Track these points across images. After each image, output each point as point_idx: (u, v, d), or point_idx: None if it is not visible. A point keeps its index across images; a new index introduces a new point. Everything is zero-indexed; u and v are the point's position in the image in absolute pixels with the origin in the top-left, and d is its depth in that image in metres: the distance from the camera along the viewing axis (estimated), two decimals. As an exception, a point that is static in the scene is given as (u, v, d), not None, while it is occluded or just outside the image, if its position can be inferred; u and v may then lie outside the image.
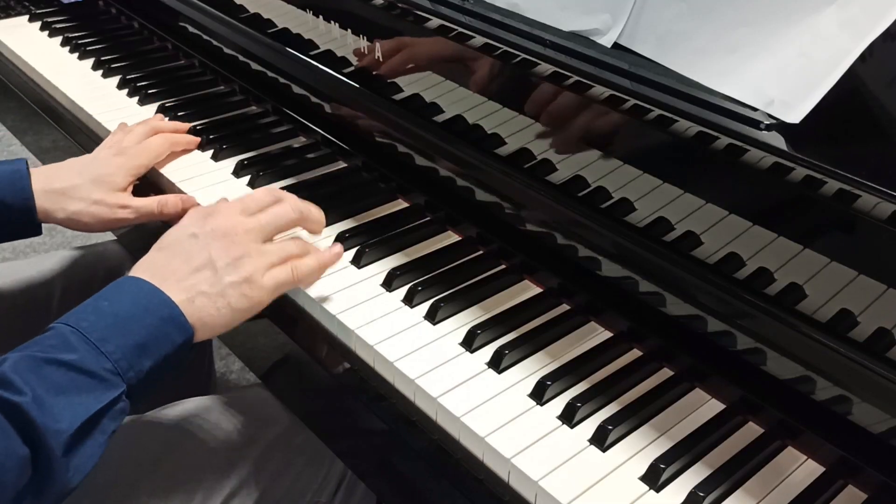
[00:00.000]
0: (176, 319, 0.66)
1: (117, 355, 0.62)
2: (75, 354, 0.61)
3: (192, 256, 0.70)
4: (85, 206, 0.88)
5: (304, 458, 0.86)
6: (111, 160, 0.92)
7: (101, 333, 0.62)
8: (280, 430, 0.86)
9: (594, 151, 0.71)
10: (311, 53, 0.98)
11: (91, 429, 0.60)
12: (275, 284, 0.73)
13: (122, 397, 0.63)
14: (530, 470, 0.62)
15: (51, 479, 0.58)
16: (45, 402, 0.58)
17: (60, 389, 0.59)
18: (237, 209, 0.75)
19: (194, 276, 0.69)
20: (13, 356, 0.60)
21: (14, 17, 1.36)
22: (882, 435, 0.60)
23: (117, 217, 0.89)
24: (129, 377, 0.63)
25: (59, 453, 0.58)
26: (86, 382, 0.60)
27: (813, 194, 0.57)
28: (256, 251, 0.72)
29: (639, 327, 0.73)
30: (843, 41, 0.58)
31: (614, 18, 0.69)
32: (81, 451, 0.60)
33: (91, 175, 0.89)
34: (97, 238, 1.21)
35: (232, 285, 0.70)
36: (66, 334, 0.62)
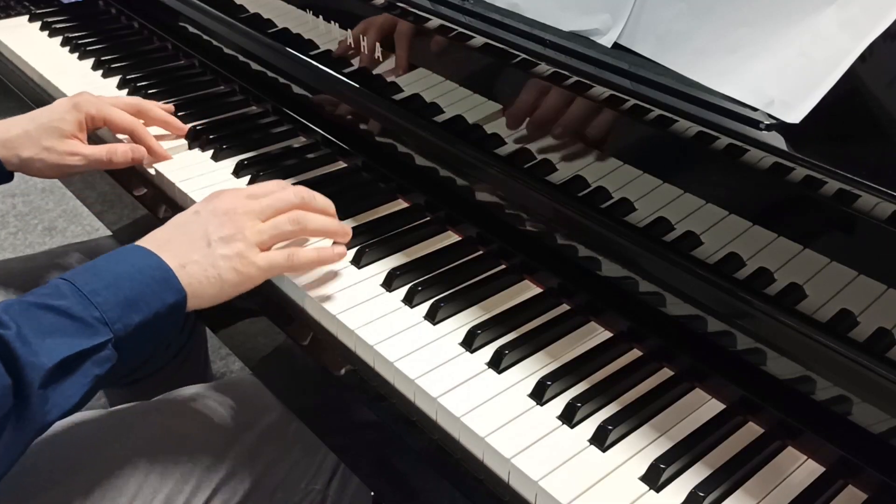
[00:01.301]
0: (169, 281, 0.69)
1: (106, 306, 0.65)
2: (65, 301, 0.64)
3: (189, 229, 0.74)
4: (36, 153, 0.92)
5: (299, 446, 0.87)
6: (61, 105, 0.95)
7: (92, 286, 0.66)
8: (275, 418, 0.87)
9: (594, 151, 0.71)
10: (311, 53, 0.98)
11: (72, 368, 0.63)
12: (268, 264, 0.75)
13: (108, 346, 0.65)
14: (530, 470, 0.62)
15: (28, 409, 0.60)
16: (28, 337, 0.60)
17: (46, 330, 0.62)
18: (243, 194, 0.78)
19: (188, 246, 0.72)
20: (7, 300, 0.64)
21: (14, 17, 1.36)
22: (882, 435, 0.60)
23: (66, 163, 0.93)
24: (116, 328, 0.65)
25: (36, 386, 0.60)
26: (71, 326, 0.63)
27: (813, 194, 0.57)
28: (251, 229, 0.75)
29: (639, 327, 0.73)
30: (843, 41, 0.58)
31: (614, 18, 0.69)
32: (61, 388, 0.62)
33: (41, 121, 0.93)
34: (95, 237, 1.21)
35: (223, 258, 0.73)
36: (60, 285, 0.66)
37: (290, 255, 0.76)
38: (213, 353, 1.60)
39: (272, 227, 0.76)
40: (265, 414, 0.87)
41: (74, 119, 0.94)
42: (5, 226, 2.22)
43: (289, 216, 0.77)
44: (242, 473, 0.83)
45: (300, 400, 0.85)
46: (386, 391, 0.71)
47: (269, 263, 0.75)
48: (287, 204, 0.78)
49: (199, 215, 0.75)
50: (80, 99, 0.96)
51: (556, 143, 0.75)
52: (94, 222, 2.19)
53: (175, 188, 0.94)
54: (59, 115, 0.93)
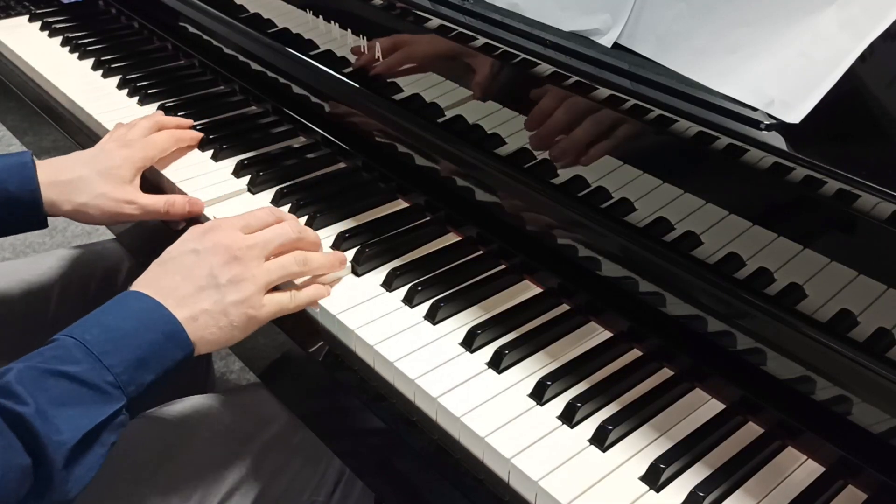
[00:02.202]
0: (178, 336, 0.67)
1: (119, 369, 0.63)
2: (78, 367, 0.61)
3: (193, 273, 0.71)
4: (91, 199, 0.87)
5: (301, 457, 0.86)
6: (117, 152, 0.92)
7: (103, 347, 0.63)
8: (278, 429, 0.86)
9: (594, 151, 0.71)
10: (311, 53, 0.98)
11: (92, 441, 0.61)
12: (276, 308, 0.74)
13: (123, 411, 0.63)
14: (530, 470, 0.62)
15: (51, 490, 0.58)
16: (47, 413, 0.58)
17: (63, 401, 0.60)
18: (238, 225, 0.75)
19: (197, 294, 0.70)
20: (17, 366, 0.61)
21: (14, 17, 1.36)
22: (882, 435, 0.60)
23: (123, 212, 0.89)
24: (129, 391, 0.63)
25: (60, 465, 0.58)
26: (88, 395, 0.61)
27: (813, 194, 0.57)
28: (258, 269, 0.73)
29: (639, 327, 0.73)
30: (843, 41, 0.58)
31: (614, 18, 0.69)
32: (82, 463, 0.60)
33: (98, 167, 0.89)
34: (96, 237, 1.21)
35: (234, 304, 0.71)
36: (70, 346, 0.63)
37: (292, 296, 0.75)
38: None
39: (280, 269, 0.74)
40: (269, 425, 0.86)
41: (132, 166, 0.91)
42: (5, 226, 2.22)
43: (295, 258, 0.76)
44: (247, 484, 0.82)
45: (300, 401, 0.85)
46: (386, 391, 0.71)
47: (278, 306, 0.74)
48: (287, 240, 0.76)
49: (200, 255, 0.72)
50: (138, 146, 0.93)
51: (556, 143, 0.74)
52: (95, 222, 2.18)
53: (175, 188, 0.94)
54: (118, 163, 0.90)
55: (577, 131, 0.72)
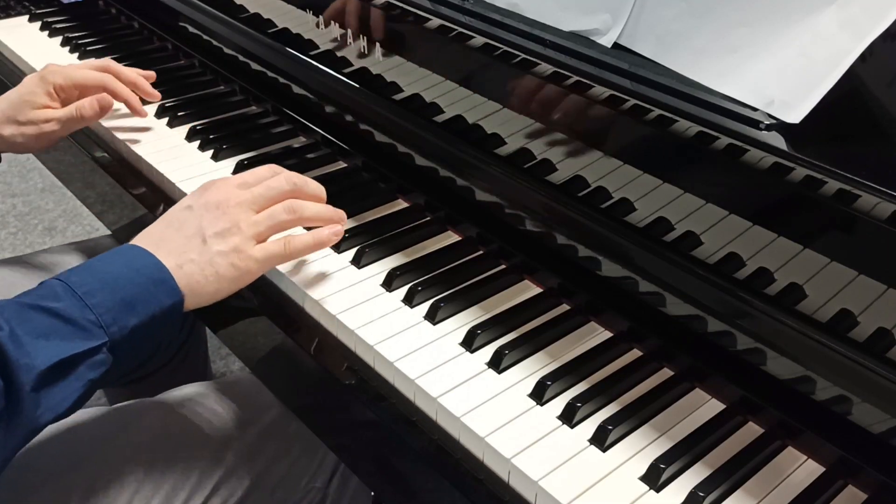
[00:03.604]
0: (166, 282, 0.68)
1: (102, 309, 0.64)
2: (60, 303, 0.63)
3: (183, 226, 0.72)
4: (15, 129, 0.94)
5: (299, 445, 0.87)
6: (29, 81, 0.97)
7: (88, 287, 0.64)
8: (275, 416, 0.87)
9: (594, 151, 0.71)
10: (311, 53, 0.98)
11: (66, 371, 0.62)
12: (265, 256, 0.74)
13: (103, 349, 0.64)
14: (530, 470, 0.62)
15: (20, 411, 0.59)
16: (21, 339, 0.60)
17: (39, 332, 0.61)
18: (234, 183, 0.76)
19: (184, 244, 0.71)
20: (0, 301, 0.63)
21: (14, 17, 1.36)
22: (882, 435, 0.60)
23: (45, 131, 0.95)
24: (111, 331, 0.64)
25: (28, 387, 0.59)
26: (66, 329, 0.62)
27: (813, 194, 0.57)
28: (245, 222, 0.73)
29: (639, 327, 0.73)
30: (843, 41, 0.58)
31: (614, 18, 0.69)
32: (54, 391, 0.61)
33: (10, 99, 0.95)
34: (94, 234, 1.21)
35: (220, 254, 0.71)
36: (54, 285, 0.65)
37: (286, 243, 0.75)
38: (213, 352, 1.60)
39: (268, 218, 0.75)
40: (265, 412, 0.87)
41: (43, 90, 0.95)
42: (5, 226, 2.22)
43: (284, 206, 0.76)
44: (242, 471, 0.83)
45: (300, 400, 0.85)
46: (386, 391, 0.71)
47: (267, 255, 0.74)
48: (279, 192, 0.76)
49: (192, 210, 0.74)
50: (46, 70, 0.97)
51: (556, 142, 0.74)
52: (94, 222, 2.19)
53: (175, 188, 0.94)
54: (28, 90, 0.95)
55: (576, 131, 0.72)
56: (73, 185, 1.21)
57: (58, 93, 0.96)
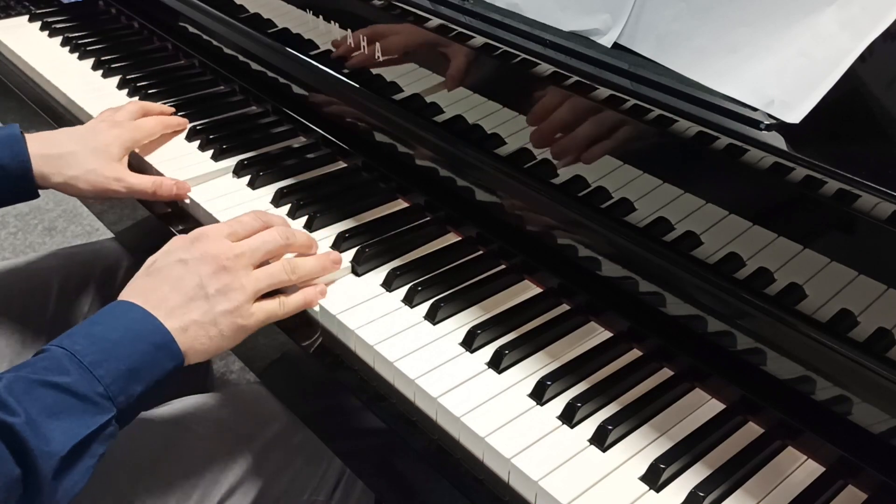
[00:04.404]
0: (168, 346, 0.67)
1: (109, 380, 0.63)
2: (69, 377, 0.61)
3: (182, 284, 0.70)
4: (82, 173, 0.89)
5: (302, 457, 0.86)
6: (109, 131, 0.94)
7: (93, 357, 0.63)
8: (279, 428, 0.86)
9: (594, 151, 0.71)
10: (311, 53, 0.98)
11: (81, 452, 0.61)
12: (265, 316, 0.73)
13: (112, 422, 0.63)
14: (530, 470, 0.62)
15: (39, 501, 0.58)
16: (38, 424, 0.58)
17: (53, 412, 0.59)
18: (224, 233, 0.75)
19: (187, 305, 0.69)
20: (7, 376, 0.60)
21: (14, 17, 1.36)
22: (882, 435, 0.60)
23: (111, 188, 0.90)
24: (119, 402, 0.63)
25: (49, 475, 0.58)
26: (78, 406, 0.61)
27: (813, 194, 0.57)
28: (246, 277, 0.72)
29: (639, 327, 0.73)
30: (843, 41, 0.58)
31: (614, 18, 0.69)
32: (71, 474, 0.60)
33: (90, 144, 0.91)
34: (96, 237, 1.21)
35: (224, 314, 0.70)
36: (60, 357, 0.62)
37: (280, 303, 0.74)
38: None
39: (269, 277, 0.74)
40: (269, 424, 0.86)
41: (122, 144, 0.93)
42: (5, 226, 2.22)
43: (283, 266, 0.75)
44: (247, 484, 0.82)
45: (300, 401, 0.85)
46: (386, 391, 0.71)
47: (266, 315, 0.73)
48: (275, 247, 0.76)
49: (188, 265, 0.71)
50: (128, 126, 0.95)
51: (556, 143, 0.74)
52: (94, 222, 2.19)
53: (175, 188, 0.94)
54: (108, 140, 0.92)
55: (576, 131, 0.72)
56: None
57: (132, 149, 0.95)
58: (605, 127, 0.70)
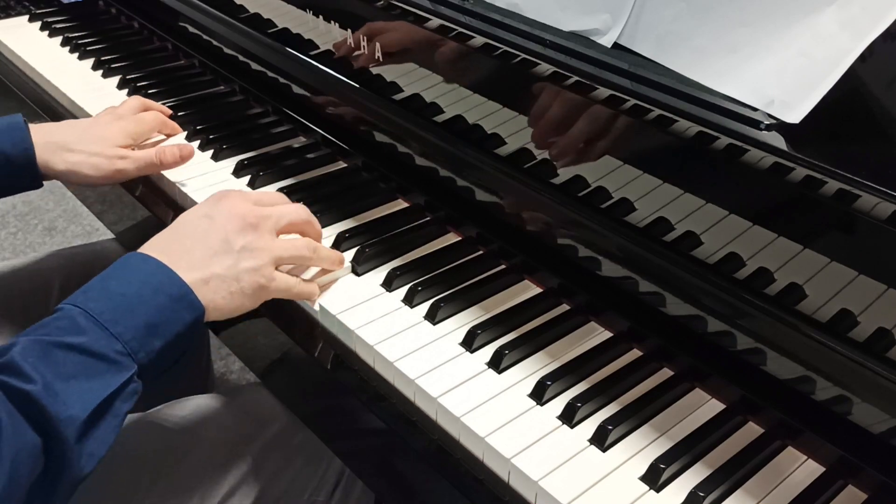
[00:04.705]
0: (186, 297, 0.66)
1: (127, 336, 0.62)
2: (85, 337, 0.60)
3: (207, 237, 0.70)
4: (85, 158, 0.89)
5: (302, 457, 0.86)
6: (112, 123, 0.94)
7: (110, 315, 0.62)
8: (278, 429, 0.86)
9: (594, 151, 0.71)
10: (311, 53, 0.98)
11: (104, 412, 0.59)
12: (284, 286, 0.73)
13: (134, 378, 0.62)
14: (530, 470, 0.62)
15: (65, 466, 0.57)
16: (55, 388, 0.57)
17: (71, 374, 0.58)
18: (251, 198, 0.75)
19: (210, 258, 0.69)
20: (22, 340, 0.59)
21: (14, 17, 1.36)
22: (882, 435, 0.60)
23: (116, 168, 0.91)
24: (139, 357, 0.62)
25: (72, 441, 0.57)
26: (96, 366, 0.60)
27: (813, 194, 0.57)
28: (272, 241, 0.72)
29: (639, 327, 0.73)
30: (843, 41, 0.58)
31: (614, 18, 0.69)
32: (95, 435, 0.59)
33: (92, 133, 0.92)
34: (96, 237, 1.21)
35: (247, 271, 0.70)
36: (75, 316, 0.61)
37: (298, 282, 0.75)
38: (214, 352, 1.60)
39: (293, 248, 0.74)
40: (269, 425, 0.86)
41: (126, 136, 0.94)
42: (5, 226, 2.22)
43: (306, 243, 0.75)
44: (247, 485, 0.82)
45: (300, 401, 0.85)
46: (386, 391, 0.71)
47: (287, 285, 0.73)
48: (300, 219, 0.76)
49: (213, 220, 0.71)
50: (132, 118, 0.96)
51: (556, 143, 0.74)
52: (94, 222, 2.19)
53: (175, 188, 0.94)
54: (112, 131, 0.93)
55: (576, 131, 0.72)
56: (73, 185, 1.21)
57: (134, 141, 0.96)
58: (605, 127, 0.70)
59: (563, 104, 0.72)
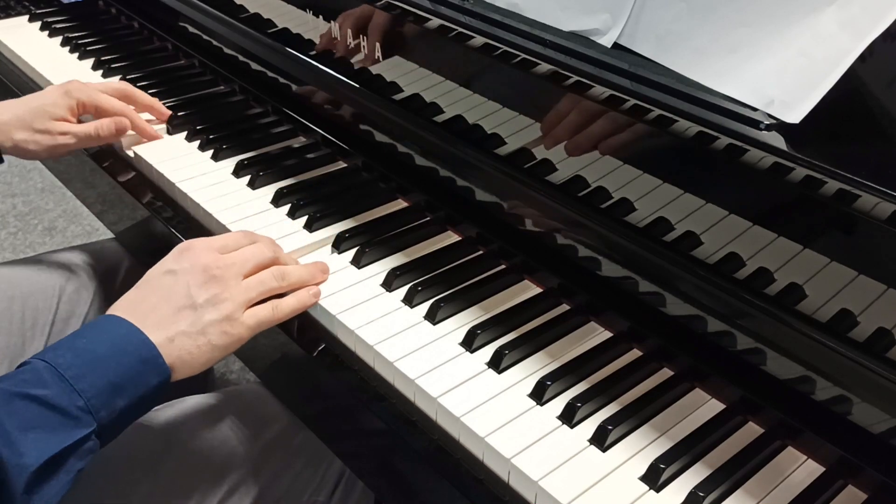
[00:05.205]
0: (153, 361, 0.66)
1: (90, 393, 0.62)
2: (47, 390, 0.60)
3: (170, 294, 0.70)
4: (29, 135, 0.95)
5: (302, 458, 0.86)
6: (53, 91, 0.98)
7: (76, 370, 0.62)
8: (279, 429, 0.86)
9: (594, 151, 0.71)
10: (311, 53, 0.98)
11: (56, 467, 0.59)
12: (256, 323, 0.73)
13: (92, 436, 0.62)
14: (530, 470, 0.62)
15: None
16: (10, 435, 0.57)
17: (29, 425, 0.58)
18: (214, 246, 0.75)
19: (174, 315, 0.69)
20: None
21: (14, 17, 1.36)
22: (882, 435, 0.60)
23: (59, 143, 0.96)
24: (100, 416, 0.62)
25: (20, 489, 0.57)
26: (55, 419, 0.60)
27: (813, 194, 0.57)
28: (236, 287, 0.72)
29: (639, 327, 0.73)
30: (843, 41, 0.58)
31: (614, 18, 0.69)
32: (45, 489, 0.59)
33: (31, 105, 0.96)
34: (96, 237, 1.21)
35: (212, 323, 0.70)
36: (41, 370, 0.62)
37: (273, 308, 0.74)
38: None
39: (259, 284, 0.74)
40: (269, 425, 0.86)
41: (66, 104, 0.97)
42: (5, 226, 2.22)
43: (272, 272, 0.75)
44: (247, 485, 0.82)
45: (300, 401, 0.85)
46: (386, 391, 0.71)
47: (258, 321, 0.73)
48: (265, 258, 0.76)
49: (177, 275, 0.71)
50: (70, 86, 0.98)
51: (556, 143, 0.74)
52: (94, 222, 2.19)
53: (175, 188, 0.94)
54: (50, 100, 0.96)
55: (576, 131, 0.72)
56: (73, 185, 1.21)
57: (78, 110, 0.98)
58: (605, 127, 0.70)
59: (563, 104, 0.72)
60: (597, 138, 0.71)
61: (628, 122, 0.67)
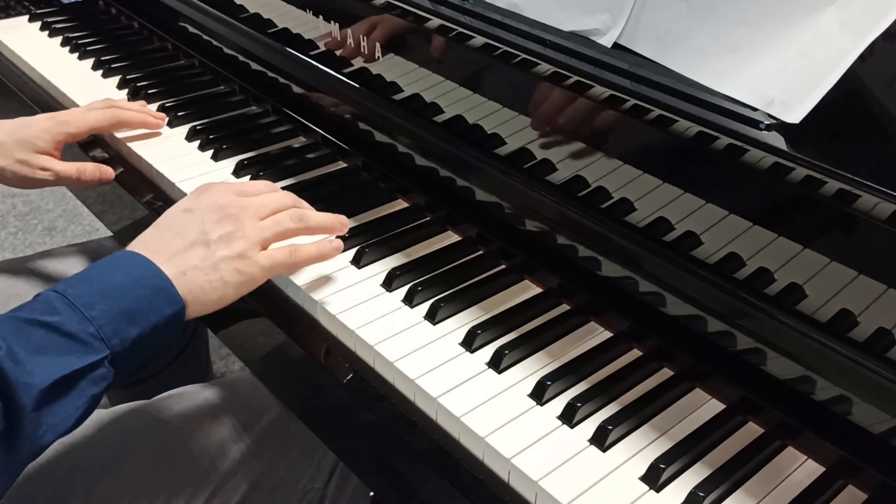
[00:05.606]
0: (166, 290, 0.66)
1: (102, 321, 0.62)
2: (59, 317, 0.61)
3: (185, 230, 0.71)
4: (9, 164, 0.92)
5: (298, 446, 0.87)
6: (40, 124, 0.95)
7: (87, 299, 0.62)
8: (274, 417, 0.87)
9: (594, 151, 0.71)
10: (311, 53, 0.98)
11: (67, 388, 0.60)
12: (271, 264, 0.73)
13: (105, 363, 0.62)
14: (530, 470, 0.62)
15: (21, 433, 0.57)
16: (19, 357, 0.58)
17: (39, 348, 0.59)
18: (234, 189, 0.75)
19: (187, 250, 0.69)
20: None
21: (14, 17, 1.36)
22: (882, 435, 0.60)
23: (37, 178, 0.93)
24: (112, 343, 0.62)
25: (29, 407, 0.57)
26: (66, 344, 0.60)
27: (813, 194, 0.57)
28: (252, 226, 0.72)
29: (639, 327, 0.73)
30: (843, 41, 0.58)
31: (614, 18, 0.69)
32: (55, 409, 0.59)
33: (17, 136, 0.93)
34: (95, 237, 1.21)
35: (225, 259, 0.70)
36: (52, 299, 0.62)
37: (291, 252, 0.74)
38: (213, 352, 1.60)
39: (275, 224, 0.74)
40: (265, 413, 0.87)
41: (52, 138, 0.94)
42: (5, 226, 2.22)
43: (290, 213, 0.75)
44: (242, 473, 0.82)
45: (300, 401, 0.85)
46: (386, 391, 0.71)
47: (272, 262, 0.73)
48: (283, 203, 0.76)
49: (193, 213, 0.72)
50: (60, 119, 0.96)
51: (556, 142, 0.74)
52: (94, 222, 2.19)
53: (175, 188, 0.94)
54: (36, 133, 0.94)
55: (576, 131, 0.72)
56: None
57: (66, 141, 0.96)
58: (605, 127, 0.70)
59: (563, 104, 0.72)
60: (597, 138, 0.71)
61: (628, 122, 0.67)
